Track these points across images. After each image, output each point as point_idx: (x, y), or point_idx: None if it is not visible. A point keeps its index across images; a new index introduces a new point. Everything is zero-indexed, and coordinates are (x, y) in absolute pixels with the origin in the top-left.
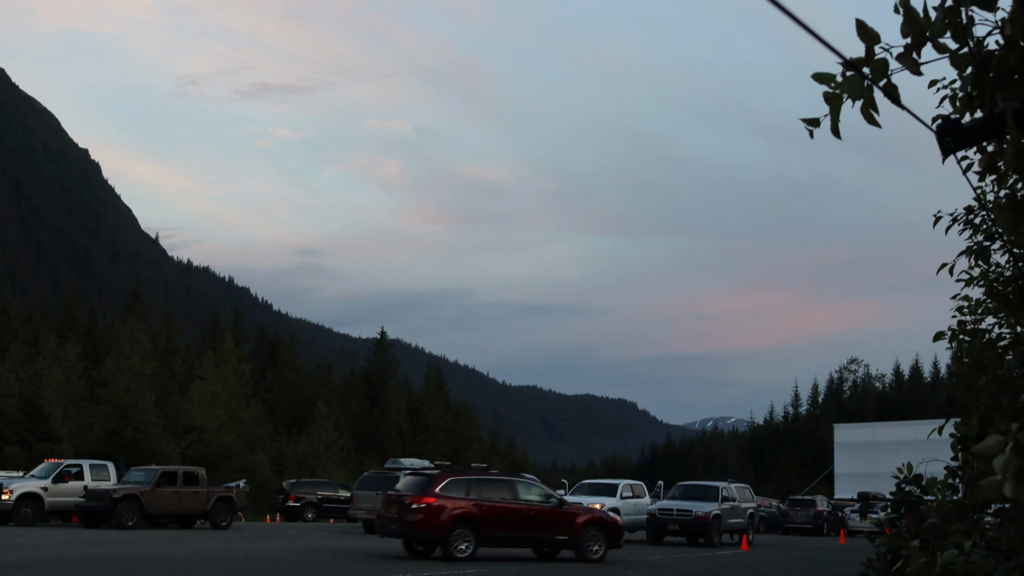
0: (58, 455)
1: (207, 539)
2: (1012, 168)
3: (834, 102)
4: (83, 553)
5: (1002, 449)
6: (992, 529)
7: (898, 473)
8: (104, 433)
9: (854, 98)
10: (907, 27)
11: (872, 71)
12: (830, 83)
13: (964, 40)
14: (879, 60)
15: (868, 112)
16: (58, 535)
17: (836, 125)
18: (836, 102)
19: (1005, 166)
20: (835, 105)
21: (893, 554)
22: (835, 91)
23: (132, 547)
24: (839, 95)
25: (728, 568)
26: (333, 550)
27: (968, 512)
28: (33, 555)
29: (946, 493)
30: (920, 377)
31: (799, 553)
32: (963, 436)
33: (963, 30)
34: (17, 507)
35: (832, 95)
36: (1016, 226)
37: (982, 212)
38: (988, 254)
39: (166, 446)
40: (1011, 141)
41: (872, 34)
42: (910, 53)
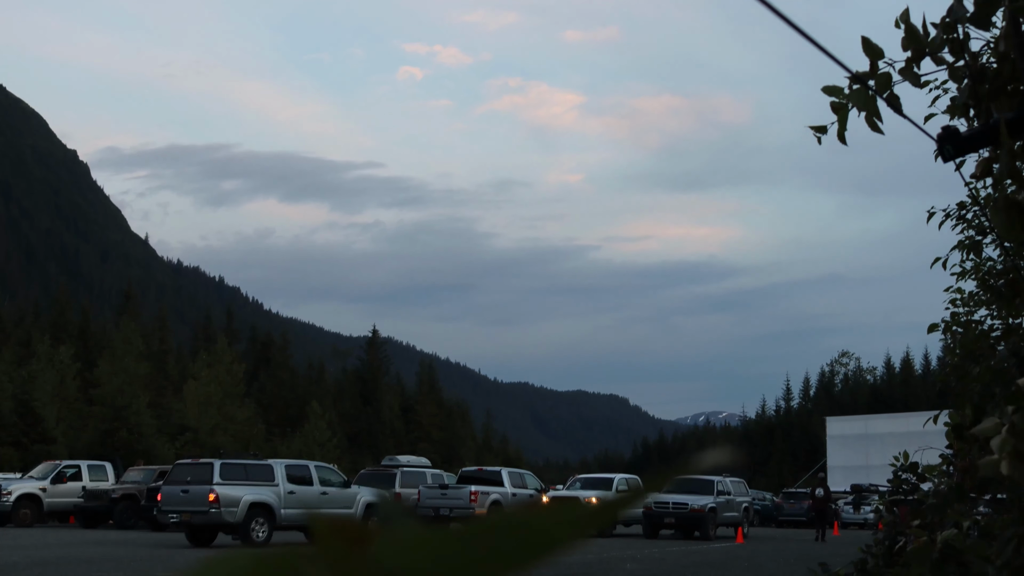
0: (53, 457)
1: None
2: (1005, 172)
3: (841, 112)
4: (88, 553)
5: (999, 431)
6: (985, 519)
7: (895, 461)
8: (98, 434)
9: (860, 109)
10: (908, 41)
11: (877, 84)
12: (839, 95)
13: (961, 54)
14: (883, 74)
15: (872, 120)
16: (59, 535)
17: (843, 133)
18: (843, 112)
19: (999, 171)
20: (842, 115)
21: (891, 540)
22: (842, 102)
23: (134, 546)
24: (846, 105)
25: (725, 560)
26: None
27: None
28: (37, 555)
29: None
30: (911, 370)
31: (794, 545)
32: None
33: (960, 45)
34: (16, 508)
35: (839, 105)
36: (1010, 226)
37: (974, 208)
38: (980, 248)
39: (160, 447)
40: (1004, 148)
41: (876, 50)
42: (911, 67)
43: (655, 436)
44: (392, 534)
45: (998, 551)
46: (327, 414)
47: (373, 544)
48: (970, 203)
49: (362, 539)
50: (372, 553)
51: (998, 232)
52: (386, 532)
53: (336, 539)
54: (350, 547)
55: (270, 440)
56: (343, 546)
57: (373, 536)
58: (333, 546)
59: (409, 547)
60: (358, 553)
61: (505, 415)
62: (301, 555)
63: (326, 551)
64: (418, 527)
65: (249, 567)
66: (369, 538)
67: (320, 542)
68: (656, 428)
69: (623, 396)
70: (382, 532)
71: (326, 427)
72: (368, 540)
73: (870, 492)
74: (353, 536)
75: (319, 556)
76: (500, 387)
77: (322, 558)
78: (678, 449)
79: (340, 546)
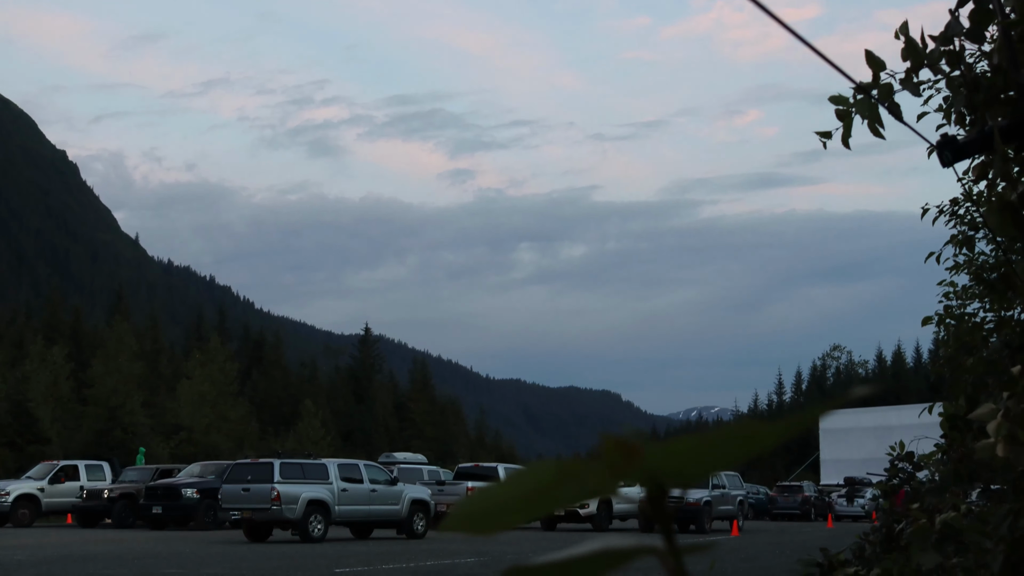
0: (48, 457)
1: (207, 537)
2: (999, 175)
3: (846, 119)
4: (90, 551)
5: (995, 416)
6: (980, 508)
7: (891, 451)
8: (93, 434)
9: (864, 116)
10: (907, 52)
11: (879, 93)
12: (844, 104)
13: (957, 65)
14: (885, 84)
15: (875, 127)
16: (59, 535)
17: (847, 138)
18: (847, 119)
19: (994, 174)
20: (847, 122)
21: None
22: (847, 109)
23: (135, 544)
24: (850, 112)
25: (721, 553)
26: (331, 542)
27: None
28: (41, 553)
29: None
30: (903, 363)
31: (789, 537)
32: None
33: (957, 57)
34: (14, 508)
35: (844, 112)
36: (1005, 225)
37: (967, 204)
38: (973, 243)
39: (155, 446)
40: (998, 153)
41: (878, 62)
42: (911, 77)
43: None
44: (657, 444)
45: (994, 526)
46: (320, 412)
47: (644, 451)
48: (963, 199)
49: (635, 449)
50: (643, 458)
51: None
52: (651, 443)
53: (615, 450)
54: (626, 455)
55: (264, 439)
56: (621, 454)
57: (643, 446)
58: (613, 455)
59: (669, 450)
60: (633, 458)
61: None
62: (591, 463)
63: (608, 458)
64: (672, 438)
65: (553, 472)
66: (640, 448)
67: (604, 453)
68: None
69: (615, 392)
70: (649, 443)
71: (320, 425)
72: (640, 449)
73: (863, 485)
74: (629, 447)
75: (603, 462)
76: (492, 383)
77: (606, 463)
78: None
79: (619, 454)
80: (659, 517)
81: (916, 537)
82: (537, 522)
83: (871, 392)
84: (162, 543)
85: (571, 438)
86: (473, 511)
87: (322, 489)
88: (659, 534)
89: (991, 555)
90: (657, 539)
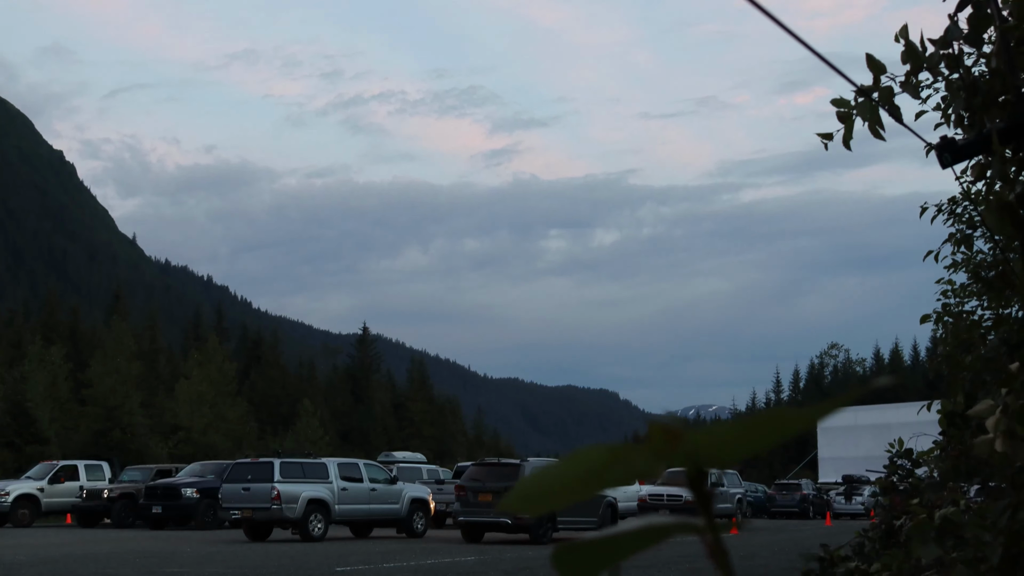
0: (46, 457)
1: (207, 536)
2: (997, 176)
3: (847, 121)
4: (90, 551)
5: (993, 412)
6: (978, 506)
7: (890, 448)
8: (91, 435)
9: (865, 119)
10: (907, 56)
11: (880, 96)
12: (846, 106)
13: (956, 68)
14: (885, 87)
15: (875, 128)
16: (59, 535)
17: (848, 140)
18: (849, 121)
19: (992, 175)
20: (848, 124)
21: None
22: (848, 112)
23: (135, 544)
24: (851, 115)
25: None
26: (331, 541)
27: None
28: (43, 553)
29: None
30: (900, 361)
31: (788, 535)
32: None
33: (955, 60)
34: (14, 508)
35: (845, 115)
36: (1002, 224)
37: (964, 202)
38: (971, 241)
39: (153, 446)
40: (995, 155)
41: (879, 65)
42: (910, 80)
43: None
44: (696, 430)
45: (993, 520)
46: (319, 412)
47: (685, 436)
48: (961, 198)
49: (678, 434)
50: (685, 442)
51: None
52: (692, 429)
53: (660, 435)
54: (670, 439)
55: (262, 438)
56: (665, 439)
57: (684, 432)
58: (658, 439)
59: (707, 435)
60: (676, 443)
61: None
62: (638, 447)
63: (654, 443)
64: (711, 424)
65: (605, 455)
66: (682, 433)
67: (650, 437)
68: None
69: (612, 390)
70: (690, 429)
71: (318, 425)
72: (682, 434)
73: (862, 482)
74: (672, 432)
75: (649, 447)
76: (490, 383)
77: (651, 447)
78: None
79: (663, 439)
80: (699, 496)
81: (916, 532)
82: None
83: (893, 383)
84: (162, 543)
85: (569, 437)
86: (530, 492)
87: (322, 488)
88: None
89: (990, 548)
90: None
